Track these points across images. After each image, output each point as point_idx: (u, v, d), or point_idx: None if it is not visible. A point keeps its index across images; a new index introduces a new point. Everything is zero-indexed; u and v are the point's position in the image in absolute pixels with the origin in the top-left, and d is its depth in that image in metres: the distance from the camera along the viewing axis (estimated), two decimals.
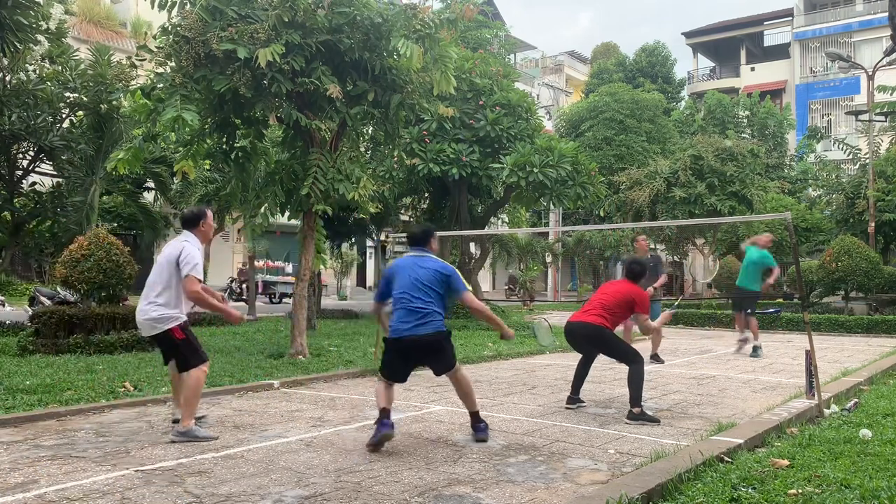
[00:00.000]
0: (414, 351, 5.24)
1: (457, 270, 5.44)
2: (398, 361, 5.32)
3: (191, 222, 5.59)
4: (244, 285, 24.88)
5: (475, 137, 16.65)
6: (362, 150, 12.90)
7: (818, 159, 29.85)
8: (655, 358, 10.28)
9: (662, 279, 10.29)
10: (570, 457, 5.00)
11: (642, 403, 6.28)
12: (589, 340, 6.59)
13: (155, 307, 5.33)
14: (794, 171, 35.88)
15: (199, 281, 5.27)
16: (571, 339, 6.78)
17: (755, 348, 11.51)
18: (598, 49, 53.33)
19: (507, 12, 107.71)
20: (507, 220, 26.65)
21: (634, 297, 6.46)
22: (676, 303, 9.95)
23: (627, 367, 6.35)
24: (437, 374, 5.46)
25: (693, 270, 25.72)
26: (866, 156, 22.69)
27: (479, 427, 5.44)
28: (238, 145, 10.02)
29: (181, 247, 5.34)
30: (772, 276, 11.43)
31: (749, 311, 11.50)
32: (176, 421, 5.47)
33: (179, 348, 5.38)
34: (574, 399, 6.87)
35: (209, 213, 5.70)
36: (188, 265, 5.23)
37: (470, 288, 5.30)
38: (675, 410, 6.82)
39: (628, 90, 36.08)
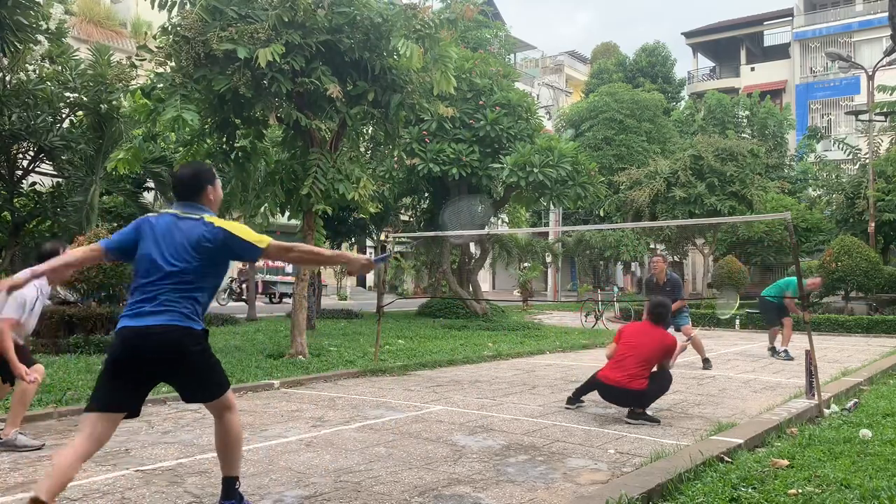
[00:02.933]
0: (152, 354, 3.37)
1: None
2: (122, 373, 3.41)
3: (40, 260, 5.02)
4: (244, 285, 24.90)
5: (475, 137, 16.65)
6: (362, 150, 12.91)
7: (818, 159, 29.89)
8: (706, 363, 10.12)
9: (679, 304, 9.95)
10: (570, 457, 5.00)
11: None
12: (627, 402, 6.35)
13: None
14: (794, 171, 35.89)
15: (14, 321, 4.97)
16: (607, 398, 6.48)
17: (775, 349, 11.69)
18: (598, 49, 53.34)
19: (506, 10, 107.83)
20: (507, 220, 26.66)
21: (669, 346, 6.33)
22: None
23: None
24: (195, 401, 3.67)
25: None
26: (866, 156, 22.70)
27: None
28: (238, 145, 10.02)
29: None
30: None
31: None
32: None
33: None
34: (574, 399, 6.86)
35: (63, 251, 5.05)
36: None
37: (264, 242, 3.52)
38: (675, 410, 6.82)
39: (628, 90, 36.10)
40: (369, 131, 12.34)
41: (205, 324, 3.57)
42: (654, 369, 6.35)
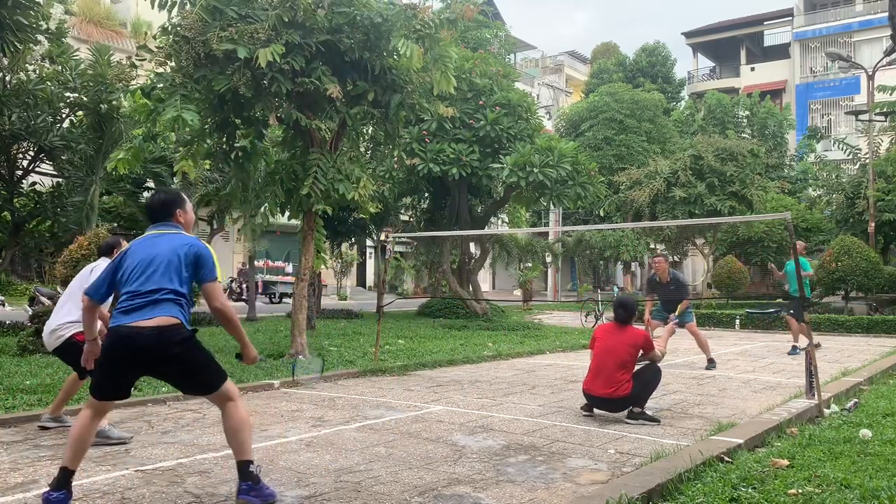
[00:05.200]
0: (140, 351, 3.62)
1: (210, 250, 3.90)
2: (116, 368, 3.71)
3: (104, 253, 5.61)
4: (244, 285, 24.90)
5: (475, 137, 16.64)
6: (362, 150, 12.91)
7: (818, 159, 29.90)
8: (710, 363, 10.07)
9: (684, 304, 9.89)
10: (570, 457, 5.00)
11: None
12: (620, 409, 6.35)
13: (57, 319, 5.36)
14: (794, 171, 35.91)
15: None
16: (599, 408, 6.50)
17: (794, 348, 11.90)
18: (598, 49, 53.38)
19: (505, 10, 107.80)
20: (507, 220, 26.65)
21: (641, 344, 6.27)
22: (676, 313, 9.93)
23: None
24: (193, 393, 4.04)
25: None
26: (866, 156, 22.70)
27: (242, 487, 3.74)
28: (238, 145, 10.01)
29: (94, 265, 5.43)
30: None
31: (791, 311, 11.90)
32: (43, 427, 5.53)
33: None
34: (588, 408, 6.71)
35: (122, 244, 5.44)
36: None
37: (220, 278, 3.85)
38: (675, 410, 6.82)
39: (628, 90, 36.10)
40: (369, 131, 12.34)
41: (210, 324, 3.82)
42: (641, 366, 6.33)
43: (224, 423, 3.83)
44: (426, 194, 20.15)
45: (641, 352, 6.30)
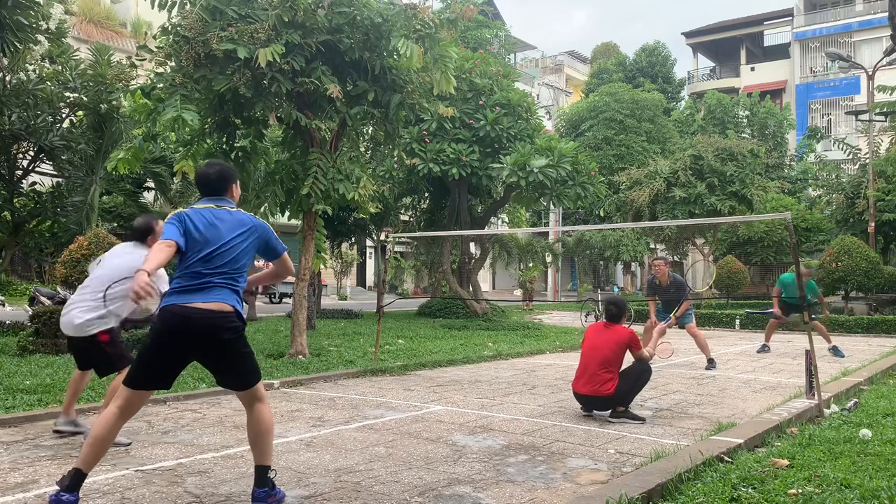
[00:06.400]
0: (194, 331, 3.55)
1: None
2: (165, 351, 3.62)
3: (140, 237, 5.28)
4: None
5: (475, 137, 16.65)
6: (362, 150, 12.91)
7: (818, 159, 29.89)
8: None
9: (685, 306, 9.82)
10: (570, 457, 5.00)
11: (641, 403, 6.28)
12: (606, 408, 6.39)
13: (86, 315, 5.18)
14: (794, 171, 35.92)
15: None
16: (588, 408, 6.55)
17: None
18: (598, 49, 53.45)
19: (501, 8, 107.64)
20: (507, 220, 26.66)
21: (628, 342, 6.26)
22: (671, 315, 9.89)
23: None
24: (226, 386, 3.84)
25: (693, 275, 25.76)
26: (866, 156, 22.72)
27: (258, 494, 3.74)
28: (238, 145, 10.02)
29: (106, 256, 5.27)
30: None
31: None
32: (57, 431, 5.46)
33: (105, 351, 5.20)
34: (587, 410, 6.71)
35: (158, 226, 5.23)
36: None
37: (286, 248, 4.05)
38: (675, 410, 6.82)
39: (628, 90, 36.13)
40: (369, 131, 12.35)
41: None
42: (629, 366, 6.32)
43: (249, 424, 3.78)
44: (426, 194, 20.17)
45: (629, 351, 6.29)
